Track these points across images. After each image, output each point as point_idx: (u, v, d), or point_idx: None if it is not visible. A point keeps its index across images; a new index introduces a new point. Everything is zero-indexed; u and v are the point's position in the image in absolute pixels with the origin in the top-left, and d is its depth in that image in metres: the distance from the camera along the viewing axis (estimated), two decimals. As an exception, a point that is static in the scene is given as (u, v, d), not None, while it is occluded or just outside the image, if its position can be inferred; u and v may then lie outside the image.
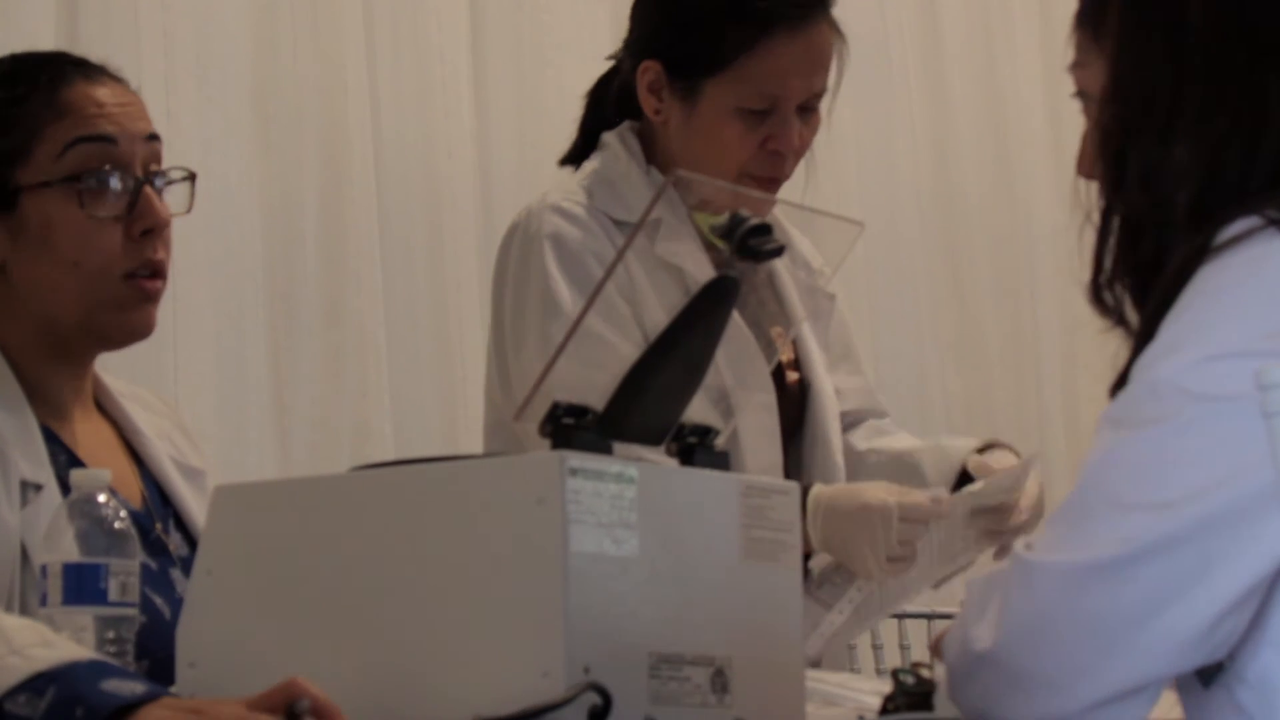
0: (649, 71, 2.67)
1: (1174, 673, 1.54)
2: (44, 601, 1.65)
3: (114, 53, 3.48)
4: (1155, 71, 1.63)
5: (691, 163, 2.63)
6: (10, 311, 2.19)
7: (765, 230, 1.73)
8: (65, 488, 2.03)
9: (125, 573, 1.65)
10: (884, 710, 1.72)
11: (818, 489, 2.54)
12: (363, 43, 3.83)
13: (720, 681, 1.62)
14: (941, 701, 1.63)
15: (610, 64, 2.82)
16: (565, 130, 3.99)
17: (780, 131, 2.64)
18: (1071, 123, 1.81)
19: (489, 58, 4.02)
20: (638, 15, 2.73)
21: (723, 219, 1.76)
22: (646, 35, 2.70)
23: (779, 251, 1.77)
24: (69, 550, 1.65)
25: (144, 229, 2.17)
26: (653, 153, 2.72)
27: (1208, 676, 1.56)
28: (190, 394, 3.48)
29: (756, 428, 2.66)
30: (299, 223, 3.72)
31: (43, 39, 3.42)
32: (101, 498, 1.67)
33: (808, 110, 2.67)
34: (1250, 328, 1.51)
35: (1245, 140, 1.59)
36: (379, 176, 3.82)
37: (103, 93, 2.20)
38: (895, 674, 1.72)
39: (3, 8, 3.40)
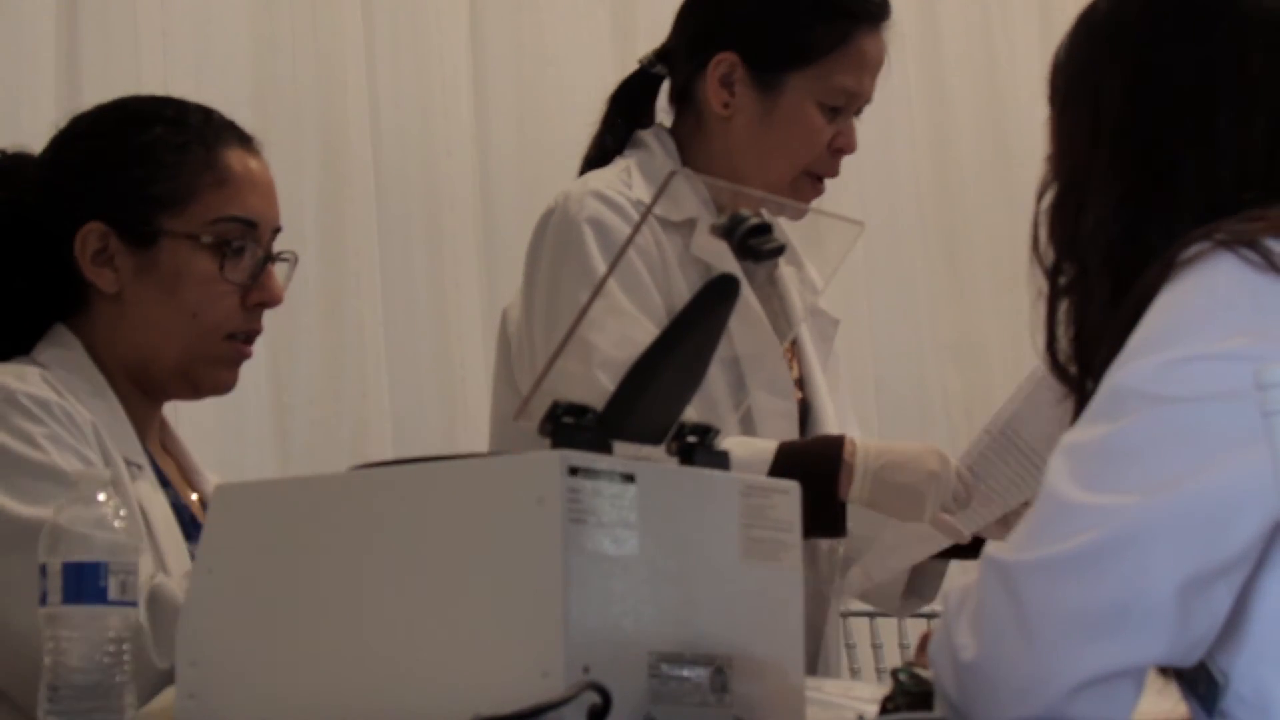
0: (723, 63, 2.67)
1: (1154, 661, 1.56)
2: (44, 601, 1.65)
3: (114, 53, 3.50)
4: (1075, 144, 1.72)
5: (761, 155, 2.66)
6: (109, 337, 2.28)
7: (765, 230, 1.73)
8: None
9: (125, 571, 1.65)
10: (884, 710, 1.72)
11: (862, 441, 2.55)
12: (362, 43, 3.84)
13: (720, 681, 1.62)
14: (940, 701, 1.63)
15: (636, 67, 2.81)
16: (565, 130, 4.00)
17: (846, 130, 2.69)
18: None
19: (489, 58, 4.02)
20: (709, 9, 2.73)
21: (723, 218, 1.76)
22: (722, 27, 2.69)
23: (779, 251, 1.77)
24: (69, 549, 1.65)
25: (259, 302, 2.32)
26: (686, 155, 2.72)
27: (1210, 702, 1.57)
28: (190, 394, 3.48)
29: (776, 437, 2.65)
30: (299, 223, 3.72)
31: (43, 39, 3.42)
32: (101, 496, 1.67)
33: (857, 114, 2.72)
34: (1207, 334, 1.55)
35: (1153, 204, 1.66)
36: (379, 176, 3.83)
37: (256, 167, 2.33)
38: (894, 674, 1.72)
39: (3, 7, 3.41)
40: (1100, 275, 1.67)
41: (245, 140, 2.35)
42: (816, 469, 2.51)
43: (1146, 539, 1.51)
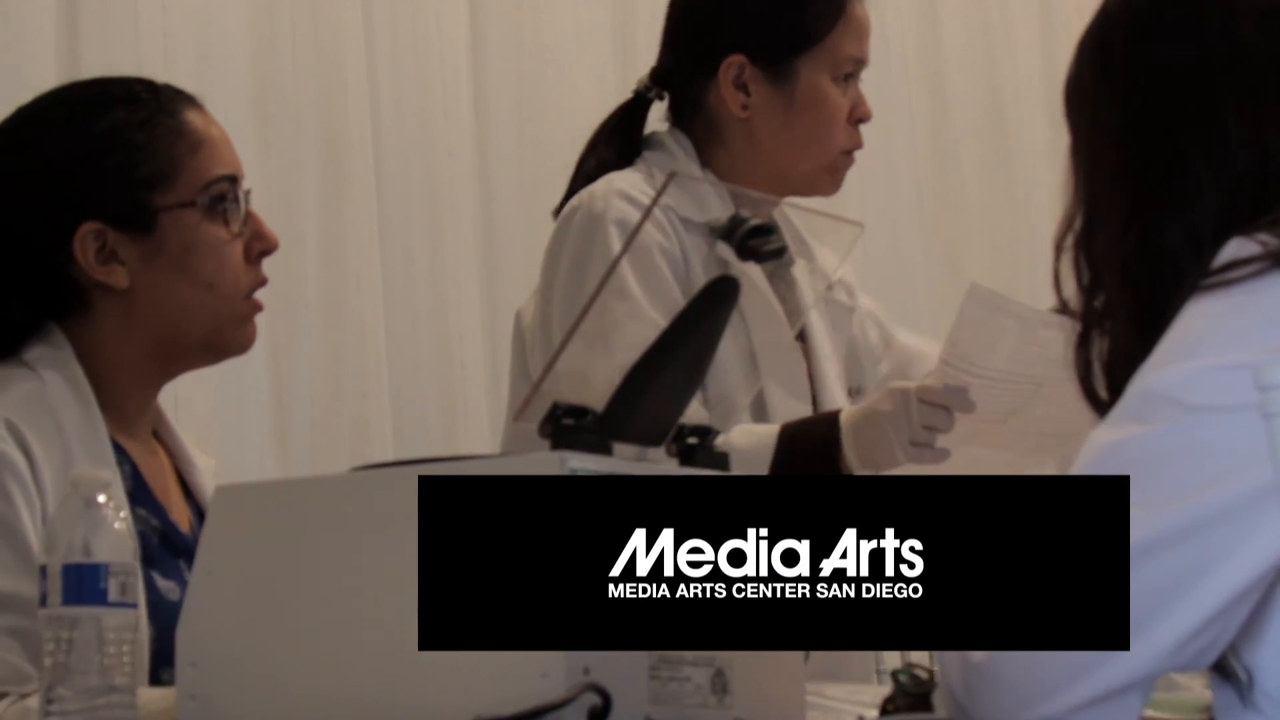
0: (733, 66, 2.70)
1: (1161, 673, 1.55)
2: (44, 601, 1.65)
3: (114, 53, 3.50)
4: (1084, 167, 1.73)
5: (795, 145, 2.69)
6: (118, 331, 2.24)
7: (766, 231, 1.74)
8: (130, 499, 2.16)
9: (125, 573, 1.65)
10: (884, 711, 1.72)
11: (846, 410, 2.57)
12: (362, 43, 3.83)
13: (720, 682, 1.62)
14: (941, 701, 1.63)
15: (626, 98, 2.81)
16: (565, 130, 4.00)
17: (860, 98, 2.75)
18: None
19: (489, 58, 4.02)
20: (703, 19, 2.75)
21: (723, 219, 1.76)
22: (723, 33, 2.72)
23: (780, 252, 1.77)
24: (69, 550, 1.65)
25: (261, 251, 2.28)
26: (703, 160, 2.73)
27: (1243, 694, 1.56)
28: (190, 394, 3.48)
29: None
30: (299, 223, 3.72)
31: (43, 38, 3.42)
32: (102, 498, 1.67)
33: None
34: (1249, 343, 1.52)
35: (1166, 208, 1.63)
36: (379, 177, 3.82)
37: (213, 123, 2.30)
38: (894, 674, 1.73)
39: (3, 7, 3.40)
40: (1121, 292, 1.64)
41: (192, 100, 2.32)
42: (819, 443, 2.53)
43: (1164, 555, 1.49)
